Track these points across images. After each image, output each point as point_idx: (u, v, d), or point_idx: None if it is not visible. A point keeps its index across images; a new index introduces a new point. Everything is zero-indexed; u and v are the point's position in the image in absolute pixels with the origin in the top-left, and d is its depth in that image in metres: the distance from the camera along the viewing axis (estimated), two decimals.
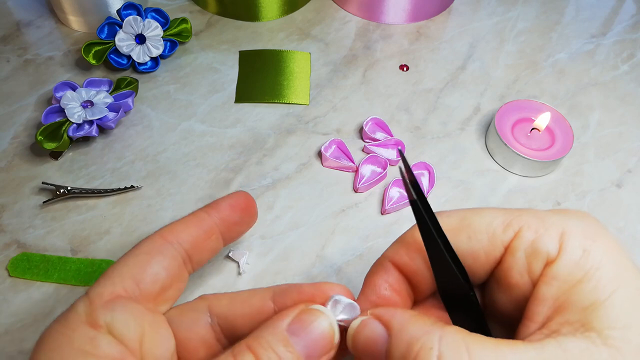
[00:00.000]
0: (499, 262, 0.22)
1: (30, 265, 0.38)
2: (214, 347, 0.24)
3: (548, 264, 0.20)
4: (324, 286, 0.22)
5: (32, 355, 0.20)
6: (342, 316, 0.21)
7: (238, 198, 0.26)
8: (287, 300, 0.23)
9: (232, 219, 0.25)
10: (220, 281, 0.38)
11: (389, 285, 0.23)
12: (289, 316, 0.21)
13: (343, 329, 0.22)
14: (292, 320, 0.21)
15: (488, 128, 0.46)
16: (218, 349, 0.23)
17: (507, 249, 0.21)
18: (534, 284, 0.20)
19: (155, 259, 0.22)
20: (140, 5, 0.48)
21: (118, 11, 0.47)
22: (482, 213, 0.22)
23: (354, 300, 0.22)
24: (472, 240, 0.22)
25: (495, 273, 0.22)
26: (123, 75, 0.47)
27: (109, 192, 0.41)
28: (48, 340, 0.20)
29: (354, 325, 0.21)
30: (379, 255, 0.40)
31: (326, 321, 0.21)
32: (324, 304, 0.22)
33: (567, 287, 0.19)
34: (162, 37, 0.49)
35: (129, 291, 0.21)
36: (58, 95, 0.44)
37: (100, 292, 0.21)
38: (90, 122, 0.43)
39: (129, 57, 0.48)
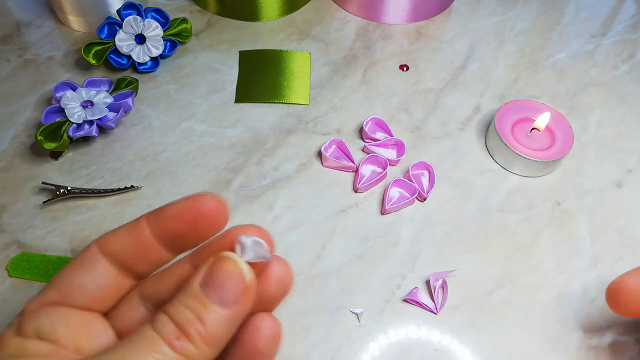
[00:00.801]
0: None
1: (30, 265, 0.38)
2: None
3: None
4: (230, 233, 0.22)
5: None
6: (250, 255, 0.21)
7: (187, 206, 0.22)
8: (201, 258, 0.23)
9: (177, 232, 0.22)
10: None
11: None
12: (200, 273, 0.21)
13: (259, 269, 0.22)
14: (203, 275, 0.21)
15: (488, 128, 0.46)
16: None
17: None
18: None
19: (85, 270, 0.22)
20: (140, 5, 0.48)
21: (118, 11, 0.47)
22: None
23: (260, 237, 0.22)
24: None
25: None
26: (123, 75, 0.47)
27: (109, 192, 0.41)
28: None
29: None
30: (379, 255, 0.41)
31: (231, 264, 0.21)
32: (233, 250, 0.21)
33: None
34: (162, 37, 0.49)
35: (56, 302, 0.22)
36: (58, 95, 0.44)
37: (30, 305, 0.22)
38: (90, 122, 0.43)
39: (129, 57, 0.48)
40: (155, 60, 0.49)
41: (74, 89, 0.44)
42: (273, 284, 0.23)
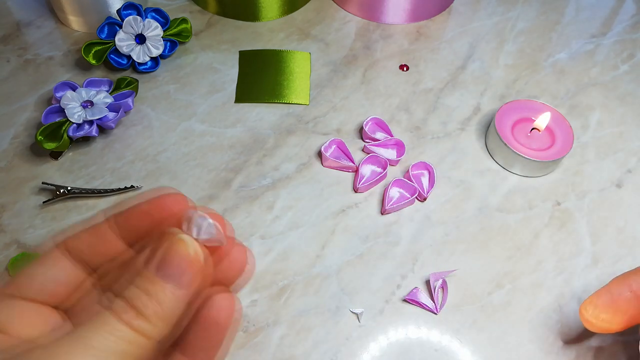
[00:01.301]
0: None
1: None
2: None
3: None
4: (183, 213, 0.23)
5: None
6: (203, 236, 0.22)
7: (150, 204, 0.23)
8: (153, 237, 0.23)
9: (140, 231, 0.23)
10: None
11: None
12: (156, 257, 0.21)
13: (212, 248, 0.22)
14: (158, 258, 0.21)
15: (488, 128, 0.46)
16: None
17: None
18: None
19: (39, 263, 0.23)
20: (140, 5, 0.48)
21: (118, 11, 0.47)
22: None
23: (209, 215, 0.22)
24: None
25: None
26: (123, 75, 0.47)
27: (109, 192, 0.41)
28: None
29: None
30: (379, 255, 0.41)
31: (183, 246, 0.21)
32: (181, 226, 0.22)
33: None
34: (162, 37, 0.49)
35: (11, 295, 0.22)
36: (58, 95, 0.44)
37: None
38: (90, 122, 0.43)
39: (129, 57, 0.48)
40: (155, 60, 0.49)
41: (74, 89, 0.44)
42: (234, 269, 0.24)
